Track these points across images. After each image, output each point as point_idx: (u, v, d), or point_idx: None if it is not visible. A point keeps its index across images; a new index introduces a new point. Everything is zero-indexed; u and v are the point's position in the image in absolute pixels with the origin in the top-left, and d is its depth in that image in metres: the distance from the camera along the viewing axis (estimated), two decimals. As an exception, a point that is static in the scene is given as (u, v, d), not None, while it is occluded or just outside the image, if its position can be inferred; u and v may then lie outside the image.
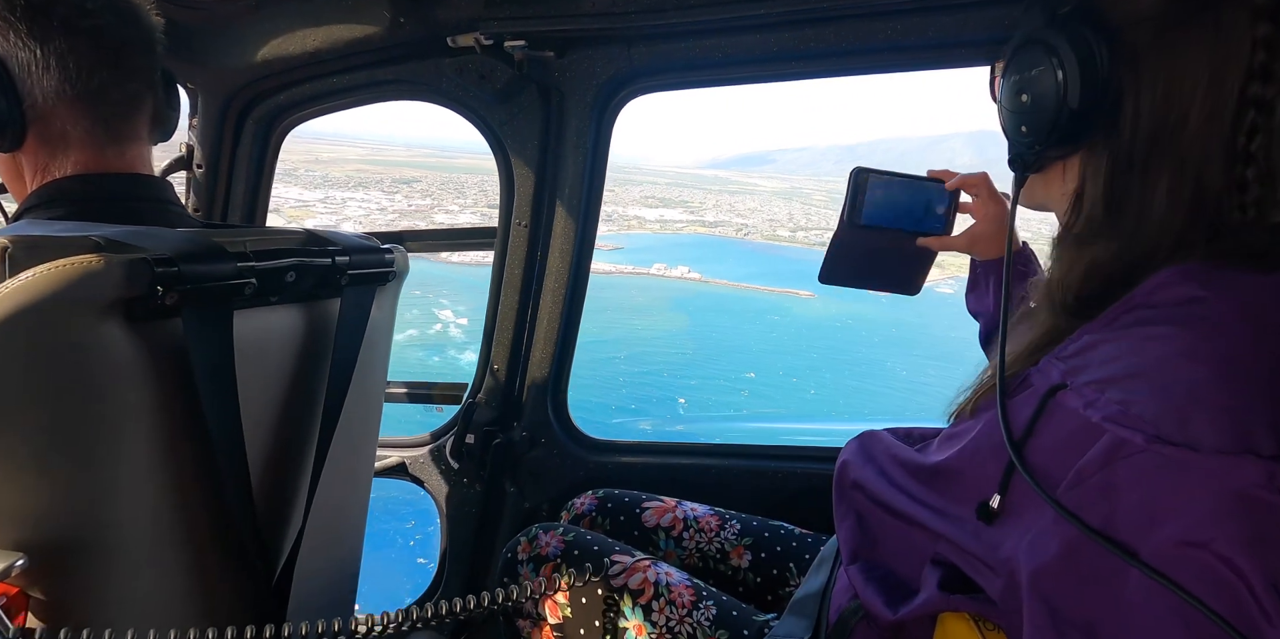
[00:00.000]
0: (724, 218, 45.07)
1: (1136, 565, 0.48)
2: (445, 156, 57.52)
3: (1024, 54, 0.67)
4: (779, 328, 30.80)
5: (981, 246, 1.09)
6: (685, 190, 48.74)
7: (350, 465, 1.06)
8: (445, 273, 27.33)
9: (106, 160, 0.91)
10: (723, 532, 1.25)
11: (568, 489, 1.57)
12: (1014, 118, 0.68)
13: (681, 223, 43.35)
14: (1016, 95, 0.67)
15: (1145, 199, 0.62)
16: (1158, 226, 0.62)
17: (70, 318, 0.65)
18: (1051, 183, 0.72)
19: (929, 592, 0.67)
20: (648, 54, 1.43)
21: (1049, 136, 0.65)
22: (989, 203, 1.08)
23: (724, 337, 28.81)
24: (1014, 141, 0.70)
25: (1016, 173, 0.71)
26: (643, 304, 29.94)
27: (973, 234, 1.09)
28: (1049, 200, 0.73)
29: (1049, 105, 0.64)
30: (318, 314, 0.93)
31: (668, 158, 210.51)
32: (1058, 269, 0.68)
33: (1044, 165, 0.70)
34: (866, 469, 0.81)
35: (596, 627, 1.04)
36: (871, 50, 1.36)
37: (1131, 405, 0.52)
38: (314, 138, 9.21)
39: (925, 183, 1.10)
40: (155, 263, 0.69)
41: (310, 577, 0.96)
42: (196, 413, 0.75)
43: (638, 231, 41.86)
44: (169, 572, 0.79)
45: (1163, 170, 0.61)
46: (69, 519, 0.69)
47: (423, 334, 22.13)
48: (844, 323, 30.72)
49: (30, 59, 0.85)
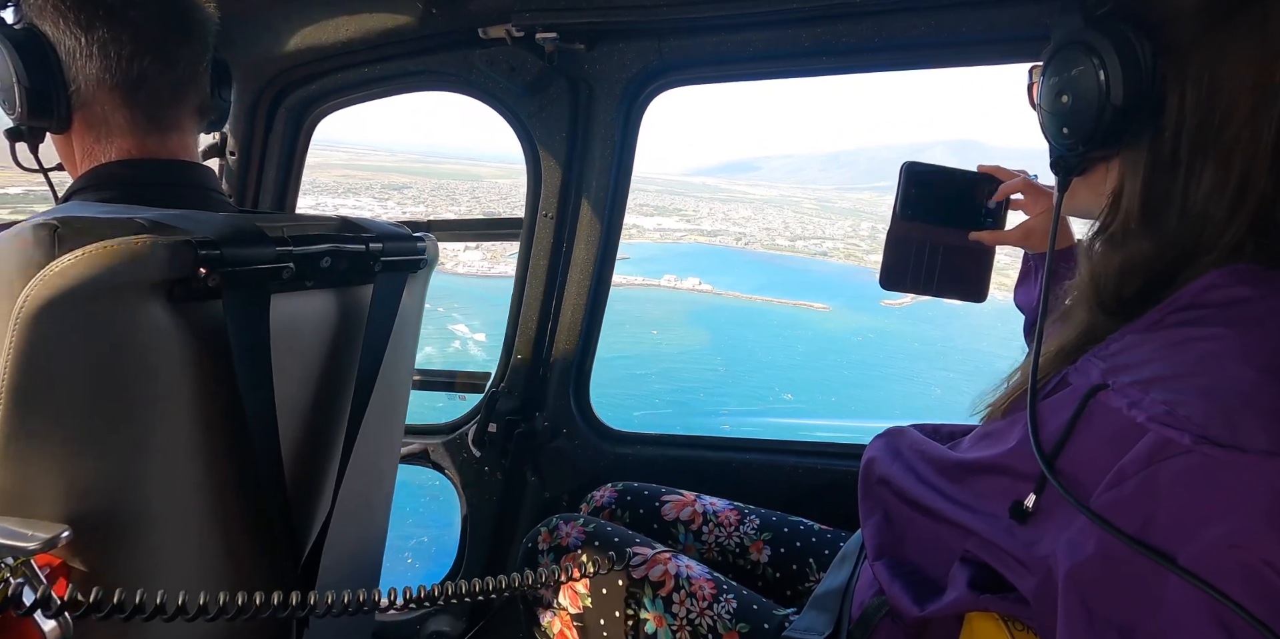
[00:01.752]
0: (721, 226, 44.62)
1: (1175, 571, 0.47)
2: (431, 162, 56.75)
3: (1063, 55, 0.66)
4: (804, 342, 29.66)
5: (1036, 239, 1.08)
6: (677, 198, 48.28)
7: (378, 450, 1.07)
8: (451, 285, 26.25)
9: (148, 147, 0.93)
10: (742, 526, 1.25)
11: (588, 480, 1.58)
12: (1055, 119, 0.67)
13: (681, 232, 42.86)
14: (1057, 97, 0.66)
15: (1186, 197, 0.61)
16: (1199, 224, 0.61)
17: (115, 297, 0.67)
18: (1094, 186, 0.70)
19: (959, 590, 0.66)
20: (678, 48, 1.43)
21: (1092, 137, 0.64)
22: (1040, 197, 1.08)
23: (751, 352, 27.83)
24: (1055, 144, 0.69)
25: (1059, 177, 0.70)
26: (660, 317, 28.95)
27: (1027, 227, 1.08)
28: (1092, 205, 0.71)
29: (1091, 105, 0.63)
30: (350, 300, 0.94)
31: (654, 165, 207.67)
32: (1093, 268, 0.68)
33: (1087, 168, 0.69)
34: (894, 465, 0.81)
35: (616, 617, 1.05)
36: (904, 46, 1.34)
37: (1178, 406, 0.51)
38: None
39: (975, 177, 1.10)
40: (199, 245, 0.70)
41: (337, 558, 0.98)
42: (233, 393, 0.76)
43: (639, 241, 41.42)
44: (202, 549, 0.81)
45: (1206, 167, 0.60)
46: (110, 494, 0.70)
47: (441, 353, 20.97)
48: (865, 337, 29.83)
49: (76, 46, 0.88)
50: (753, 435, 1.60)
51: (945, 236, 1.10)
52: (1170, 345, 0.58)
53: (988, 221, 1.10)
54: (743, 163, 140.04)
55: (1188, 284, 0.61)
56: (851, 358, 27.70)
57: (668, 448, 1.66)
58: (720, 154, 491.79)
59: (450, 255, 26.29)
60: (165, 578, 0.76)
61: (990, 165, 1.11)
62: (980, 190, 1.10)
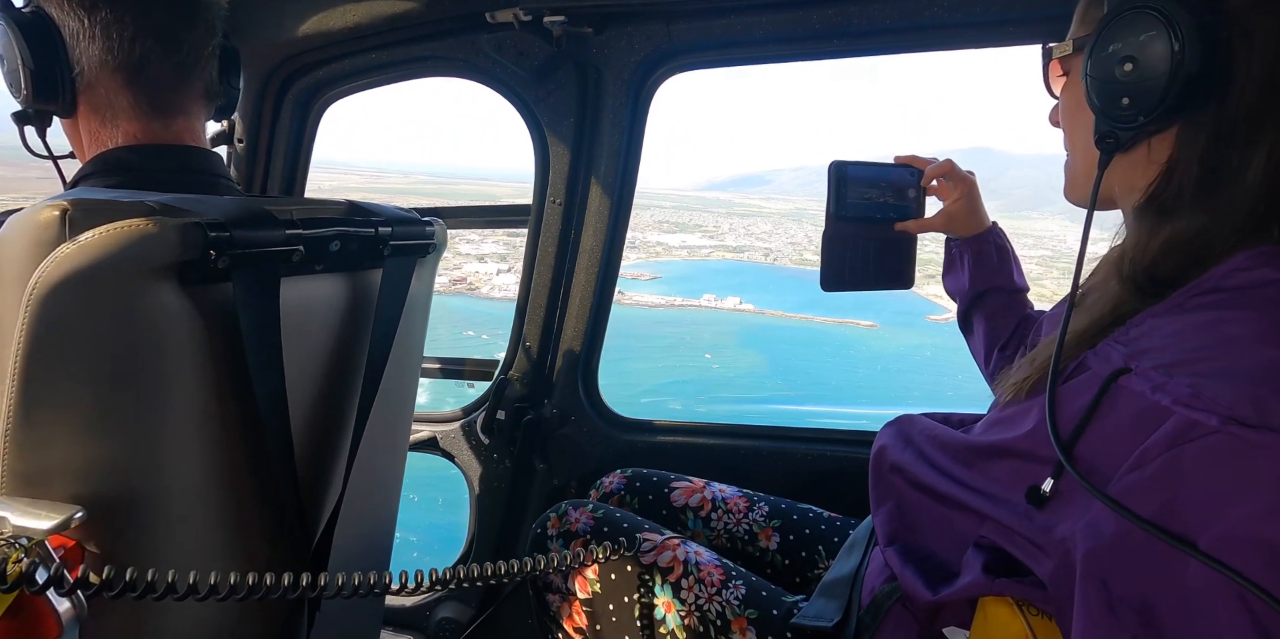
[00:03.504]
0: (746, 242, 44.00)
1: (1197, 557, 0.46)
2: (444, 182, 56.40)
3: (1126, 20, 0.62)
4: (865, 362, 27.16)
5: (958, 224, 1.15)
6: (694, 214, 47.55)
7: (388, 436, 1.07)
8: (492, 311, 22.90)
9: (153, 132, 0.92)
10: (751, 513, 1.25)
11: (596, 467, 1.58)
12: (1112, 90, 0.64)
13: (708, 248, 41.98)
14: (1118, 65, 0.63)
15: (1242, 168, 0.60)
16: (1250, 199, 0.60)
17: (125, 279, 0.67)
18: (1132, 164, 0.68)
19: (973, 574, 0.66)
20: (687, 31, 1.41)
21: (1159, 106, 0.61)
22: (958, 183, 1.14)
23: (812, 375, 25.47)
24: (1110, 116, 0.65)
25: (1105, 152, 0.67)
26: (711, 340, 26.75)
27: (948, 213, 1.14)
28: (1127, 186, 0.69)
29: (1161, 72, 0.60)
30: (360, 284, 0.94)
31: (665, 181, 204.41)
32: (1133, 240, 0.66)
33: (1135, 143, 0.66)
34: (906, 452, 0.80)
35: (626, 603, 1.05)
36: (916, 27, 1.32)
37: (1204, 389, 0.51)
38: (312, 167, 9.05)
39: (897, 169, 1.16)
40: (208, 227, 0.70)
41: (347, 544, 0.98)
42: (243, 377, 0.76)
43: (666, 259, 40.06)
44: (214, 530, 0.81)
45: (1264, 139, 0.59)
46: (122, 475, 0.71)
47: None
48: (921, 354, 27.29)
49: (79, 27, 0.87)
50: (759, 422, 1.58)
51: (875, 231, 1.16)
52: (1194, 328, 0.57)
53: (909, 211, 1.16)
54: (754, 176, 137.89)
55: (1214, 267, 0.60)
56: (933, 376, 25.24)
57: (676, 435, 1.65)
58: (730, 168, 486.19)
59: (484, 279, 25.43)
60: (177, 559, 0.76)
61: (906, 155, 1.17)
62: (903, 181, 1.16)
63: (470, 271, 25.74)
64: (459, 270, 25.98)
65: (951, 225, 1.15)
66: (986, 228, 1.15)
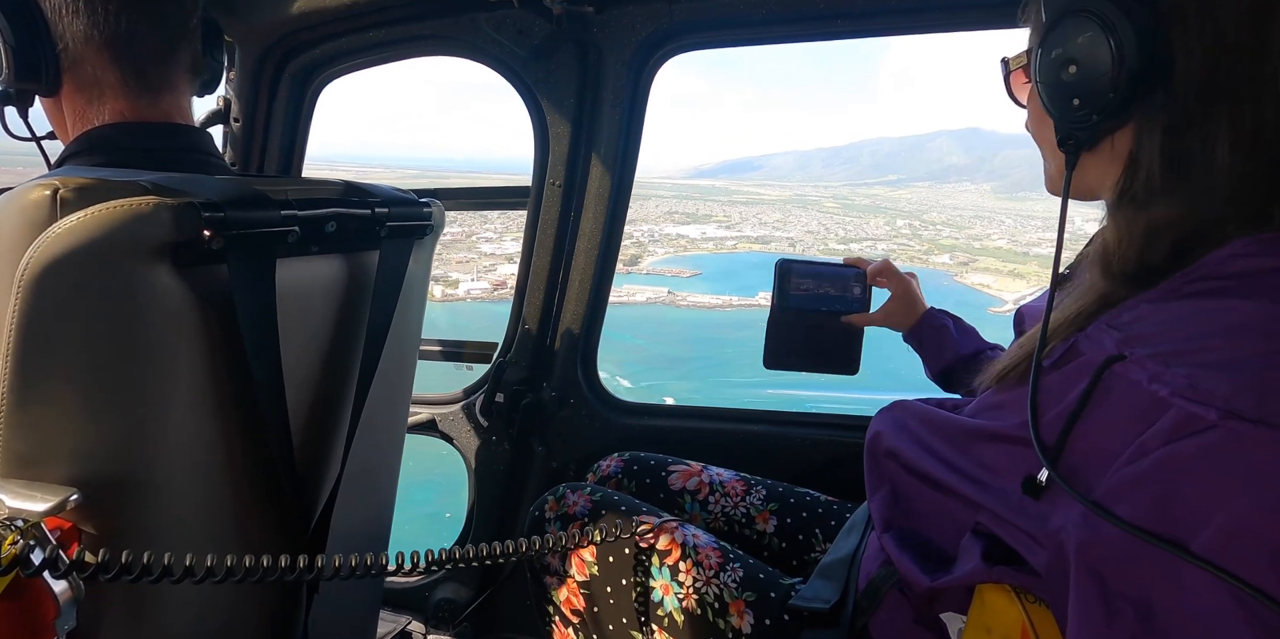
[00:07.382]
0: (766, 232, 43.28)
1: (1189, 559, 0.46)
2: (435, 177, 56.43)
3: (1065, 25, 0.64)
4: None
5: (895, 319, 1.26)
6: (698, 204, 46.69)
7: (386, 417, 1.07)
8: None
9: (140, 109, 0.90)
10: (748, 496, 1.25)
11: (594, 450, 1.58)
12: (1062, 92, 0.65)
13: (732, 240, 41.11)
14: (1062, 69, 0.65)
15: (1208, 153, 0.60)
16: (1227, 180, 0.59)
17: (119, 260, 0.66)
18: (1101, 161, 0.69)
19: (972, 562, 0.66)
20: (689, 10, 1.39)
21: (1108, 102, 0.62)
22: (896, 282, 1.26)
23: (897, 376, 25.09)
24: (1065, 119, 0.67)
25: (1069, 153, 0.68)
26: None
27: (886, 311, 1.27)
28: (1102, 182, 0.69)
29: (1104, 70, 0.61)
30: (356, 265, 0.93)
31: (652, 168, 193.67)
32: (1116, 232, 0.66)
33: (1097, 141, 0.68)
34: (901, 438, 0.80)
35: (624, 585, 1.05)
36: (919, 9, 1.31)
37: (1202, 380, 0.50)
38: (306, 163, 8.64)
39: (842, 269, 1.28)
40: (203, 207, 0.69)
41: (346, 524, 0.98)
42: (240, 358, 0.75)
43: (694, 253, 39.39)
44: (211, 513, 0.81)
45: (1220, 120, 0.59)
46: (117, 457, 0.70)
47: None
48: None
49: (60, 2, 0.85)
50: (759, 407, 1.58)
51: (820, 319, 1.28)
52: (1189, 316, 0.56)
53: (854, 306, 1.28)
54: (743, 162, 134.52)
55: (1209, 252, 0.59)
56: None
57: (675, 419, 1.66)
58: (718, 154, 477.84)
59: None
60: (174, 541, 0.76)
61: (853, 257, 1.30)
62: (847, 278, 1.28)
63: (506, 274, 25.28)
64: (494, 273, 25.71)
65: (890, 320, 1.26)
66: (919, 318, 1.24)
